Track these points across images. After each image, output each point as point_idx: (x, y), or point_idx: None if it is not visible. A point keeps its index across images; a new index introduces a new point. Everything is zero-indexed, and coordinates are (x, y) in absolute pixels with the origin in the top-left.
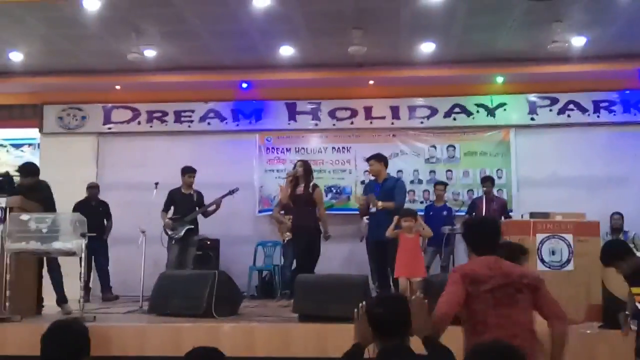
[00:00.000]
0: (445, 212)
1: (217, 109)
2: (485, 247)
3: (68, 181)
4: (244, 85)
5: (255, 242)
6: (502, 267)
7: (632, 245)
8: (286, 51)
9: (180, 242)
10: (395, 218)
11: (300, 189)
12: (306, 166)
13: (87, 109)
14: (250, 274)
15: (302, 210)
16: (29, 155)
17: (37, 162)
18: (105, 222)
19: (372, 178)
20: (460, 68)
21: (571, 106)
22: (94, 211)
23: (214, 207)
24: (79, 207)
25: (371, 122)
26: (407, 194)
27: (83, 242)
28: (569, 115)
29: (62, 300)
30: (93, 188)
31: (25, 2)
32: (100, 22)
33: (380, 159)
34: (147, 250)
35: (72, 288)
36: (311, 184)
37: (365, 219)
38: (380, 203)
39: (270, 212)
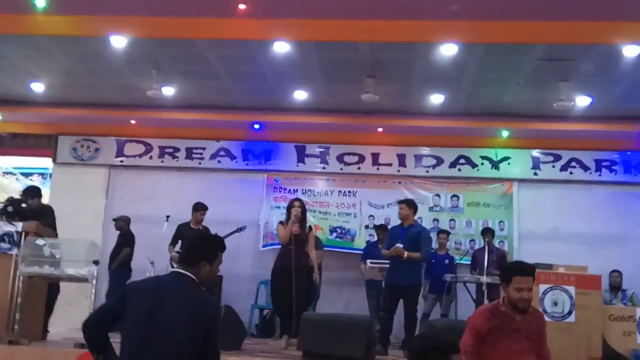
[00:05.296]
0: (447, 261)
1: (228, 147)
2: None
3: (78, 211)
4: (256, 126)
5: (258, 280)
6: None
7: (630, 304)
8: (300, 95)
9: None
10: None
11: (296, 229)
12: (304, 206)
13: (100, 141)
14: (252, 311)
15: (301, 249)
16: (37, 184)
17: (46, 191)
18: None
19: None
20: (467, 120)
21: (573, 163)
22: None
23: None
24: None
25: (378, 169)
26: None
27: (95, 269)
28: (571, 172)
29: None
30: (116, 221)
31: (54, 35)
32: (124, 58)
33: (410, 204)
34: None
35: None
36: (307, 224)
37: (367, 262)
38: (406, 254)
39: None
